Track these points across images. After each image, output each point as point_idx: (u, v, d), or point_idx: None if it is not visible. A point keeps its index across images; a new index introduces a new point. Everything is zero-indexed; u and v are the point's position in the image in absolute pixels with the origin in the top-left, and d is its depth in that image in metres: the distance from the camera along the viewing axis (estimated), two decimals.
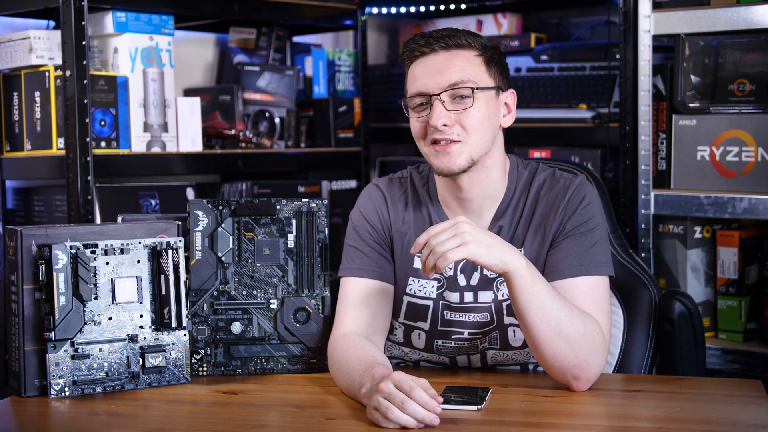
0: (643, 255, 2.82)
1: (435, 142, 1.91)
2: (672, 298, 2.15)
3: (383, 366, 1.78)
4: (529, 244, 1.97)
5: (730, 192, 2.68)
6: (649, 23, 2.78)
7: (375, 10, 3.65)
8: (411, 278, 2.03)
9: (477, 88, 1.91)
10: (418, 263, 2.02)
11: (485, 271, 1.98)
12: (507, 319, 1.98)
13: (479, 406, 1.72)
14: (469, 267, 1.99)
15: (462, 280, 1.99)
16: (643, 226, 2.82)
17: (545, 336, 1.80)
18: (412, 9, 3.65)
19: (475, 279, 1.99)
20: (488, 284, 1.98)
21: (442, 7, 3.60)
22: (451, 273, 2.00)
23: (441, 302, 2.01)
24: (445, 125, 1.89)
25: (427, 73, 1.92)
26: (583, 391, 1.84)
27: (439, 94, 1.90)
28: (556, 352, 1.81)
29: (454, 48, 1.93)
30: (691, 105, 2.78)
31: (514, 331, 1.99)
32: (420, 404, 1.61)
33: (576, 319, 1.81)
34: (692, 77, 2.78)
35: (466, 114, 1.90)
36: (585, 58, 3.18)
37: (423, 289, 2.01)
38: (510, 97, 2.00)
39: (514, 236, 1.98)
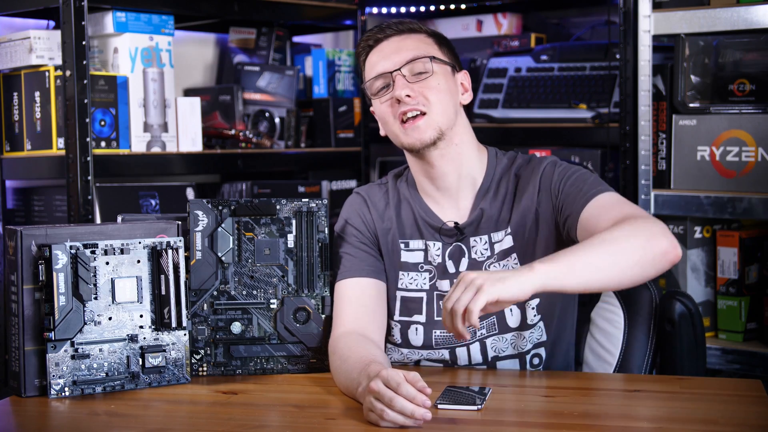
0: None
1: (403, 120, 1.96)
2: (672, 298, 2.15)
3: (380, 364, 1.78)
4: (514, 222, 2.00)
5: (730, 192, 2.68)
6: (649, 23, 2.78)
7: (375, 10, 3.65)
8: (401, 272, 2.05)
9: (434, 58, 1.99)
10: (405, 256, 2.05)
11: (473, 255, 2.01)
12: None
13: (479, 406, 1.72)
14: (457, 252, 2.01)
15: (451, 267, 2.02)
16: None
17: (620, 279, 1.77)
18: (412, 9, 3.65)
19: (464, 265, 2.01)
20: (478, 268, 2.00)
21: (442, 7, 3.60)
22: (440, 260, 2.01)
23: (435, 293, 2.02)
24: (408, 96, 1.96)
25: (384, 55, 2.01)
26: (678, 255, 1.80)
27: (399, 69, 1.97)
28: (641, 275, 1.79)
29: (406, 32, 2.03)
30: (691, 105, 2.78)
31: (510, 310, 2.00)
32: (408, 399, 1.60)
33: (621, 240, 1.76)
34: (692, 77, 2.78)
35: (427, 84, 1.98)
36: (585, 58, 3.18)
37: (414, 281, 2.03)
38: (465, 77, 2.07)
39: (499, 218, 2.01)
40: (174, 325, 1.95)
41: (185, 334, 1.97)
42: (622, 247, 1.76)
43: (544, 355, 2.04)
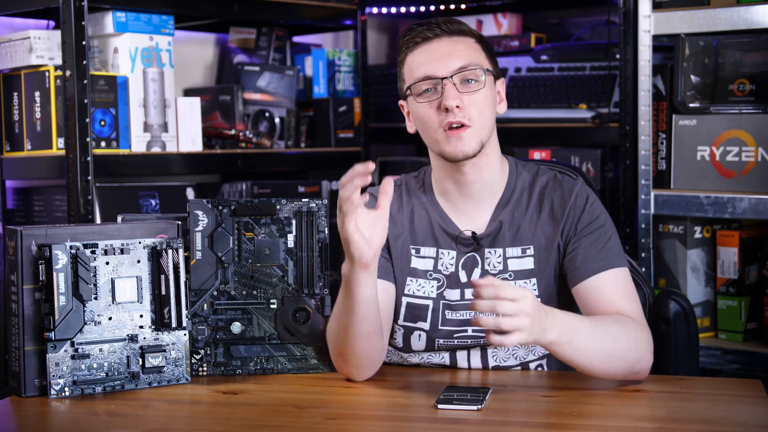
0: (643, 255, 2.83)
1: (447, 127, 1.93)
2: (667, 297, 2.16)
3: None
4: (539, 242, 1.98)
5: (730, 192, 2.68)
6: (649, 23, 2.78)
7: (375, 10, 3.65)
8: (409, 278, 2.02)
9: (486, 70, 1.96)
10: (415, 263, 2.02)
11: (486, 267, 1.99)
12: None
13: (479, 406, 1.72)
14: (470, 263, 2.00)
15: (463, 277, 2.00)
16: (643, 226, 2.82)
17: (599, 367, 1.83)
18: (412, 9, 3.65)
19: (476, 275, 1.99)
20: None
21: (442, 7, 3.60)
22: (452, 269, 2.00)
23: (442, 302, 2.00)
24: (457, 107, 1.92)
25: (434, 57, 1.95)
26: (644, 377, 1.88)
27: (450, 77, 1.93)
28: (615, 371, 1.85)
29: (457, 34, 1.98)
30: (691, 105, 2.78)
31: None
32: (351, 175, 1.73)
33: (618, 336, 1.83)
34: (692, 77, 2.78)
35: (476, 97, 1.94)
36: (585, 58, 3.18)
37: (422, 288, 2.01)
38: (502, 85, 2.04)
39: (518, 233, 1.99)
40: (174, 325, 1.95)
41: (185, 334, 1.97)
42: (619, 355, 1.83)
43: (545, 366, 2.03)
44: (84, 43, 2.58)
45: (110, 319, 1.91)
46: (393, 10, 3.66)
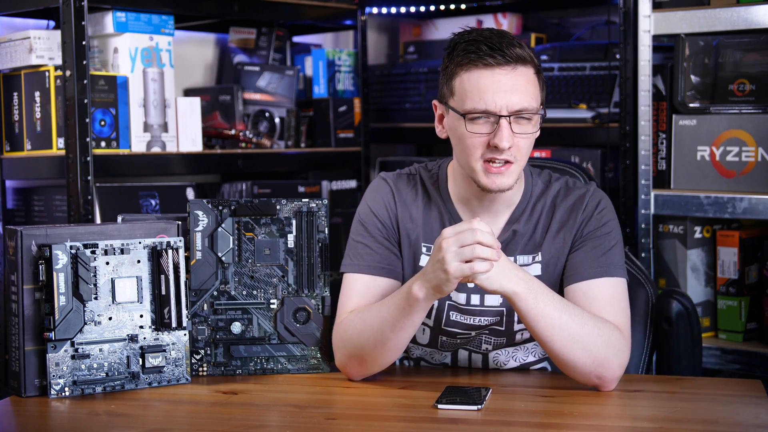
0: (643, 255, 2.83)
1: (489, 161, 1.88)
2: (670, 297, 2.16)
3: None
4: (547, 249, 1.97)
5: (730, 192, 2.68)
6: (649, 23, 2.78)
7: (375, 10, 3.65)
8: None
9: (541, 114, 1.90)
10: (424, 261, 2.01)
11: None
12: (517, 326, 1.99)
13: (479, 406, 1.73)
14: None
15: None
16: (643, 226, 2.82)
17: (560, 346, 1.82)
18: (412, 9, 3.65)
19: None
20: None
21: (442, 7, 3.60)
22: None
23: (447, 302, 2.00)
24: (509, 147, 1.87)
25: (496, 90, 1.86)
26: (611, 389, 1.85)
27: (508, 116, 1.86)
28: (574, 359, 1.82)
29: (519, 63, 1.87)
30: (691, 105, 2.78)
31: (522, 334, 1.99)
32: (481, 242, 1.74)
33: (588, 323, 1.83)
34: (692, 77, 2.78)
35: (527, 138, 1.90)
36: (585, 58, 3.18)
37: None
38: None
39: (530, 240, 1.98)
40: (174, 325, 1.95)
41: (185, 334, 1.97)
42: (584, 343, 1.82)
43: (550, 369, 2.03)
44: (84, 43, 2.58)
45: (110, 319, 1.91)
46: (393, 10, 3.66)
